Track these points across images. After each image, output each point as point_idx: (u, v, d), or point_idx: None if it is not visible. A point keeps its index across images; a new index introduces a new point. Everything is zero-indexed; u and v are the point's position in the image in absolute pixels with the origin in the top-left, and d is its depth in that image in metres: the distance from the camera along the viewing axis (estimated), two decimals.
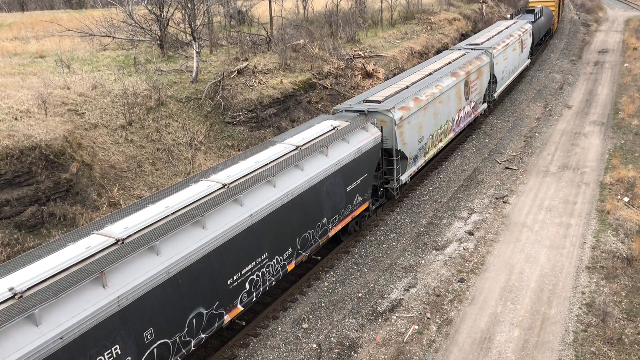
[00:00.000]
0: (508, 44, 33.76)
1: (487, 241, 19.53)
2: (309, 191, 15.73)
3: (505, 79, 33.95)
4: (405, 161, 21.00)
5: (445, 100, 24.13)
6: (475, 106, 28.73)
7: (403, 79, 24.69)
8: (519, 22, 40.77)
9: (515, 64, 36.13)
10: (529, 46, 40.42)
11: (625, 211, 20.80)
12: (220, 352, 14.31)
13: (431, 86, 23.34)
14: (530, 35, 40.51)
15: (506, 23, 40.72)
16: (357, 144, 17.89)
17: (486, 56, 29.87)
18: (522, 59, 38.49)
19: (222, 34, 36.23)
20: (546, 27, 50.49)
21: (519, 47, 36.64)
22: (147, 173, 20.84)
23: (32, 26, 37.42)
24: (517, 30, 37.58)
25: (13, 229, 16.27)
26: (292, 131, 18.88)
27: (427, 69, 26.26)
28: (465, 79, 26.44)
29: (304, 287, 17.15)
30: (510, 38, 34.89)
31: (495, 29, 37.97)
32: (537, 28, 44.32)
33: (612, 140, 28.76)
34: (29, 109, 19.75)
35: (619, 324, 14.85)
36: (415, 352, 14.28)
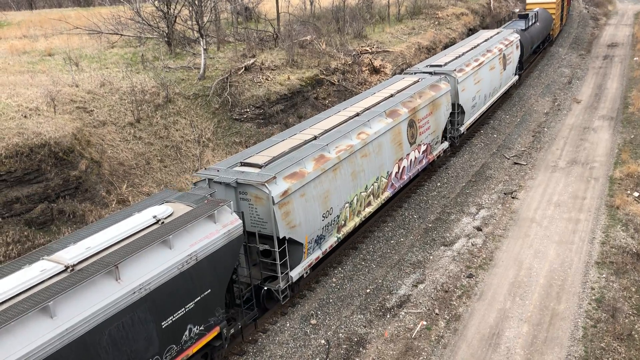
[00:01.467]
0: (483, 63, 28.14)
1: (496, 237, 19.47)
2: None
3: (478, 105, 28.19)
4: (300, 249, 15.80)
5: (373, 151, 18.61)
6: (429, 149, 22.76)
7: (314, 125, 18.96)
8: (503, 33, 34.72)
9: (495, 84, 30.49)
10: (516, 60, 34.78)
11: (635, 206, 20.67)
12: (230, 348, 14.37)
13: (350, 135, 17.75)
14: (517, 47, 34.58)
15: (488, 34, 34.84)
16: (223, 227, 12.77)
17: (446, 83, 24.08)
18: (506, 76, 32.72)
19: (229, 30, 36.25)
20: (543, 33, 44.70)
21: (499, 65, 30.96)
22: (156, 170, 20.92)
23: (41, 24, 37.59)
24: (498, 43, 31.73)
25: (23, 226, 16.40)
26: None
27: (355, 108, 20.33)
28: (410, 118, 20.76)
29: (312, 283, 17.17)
30: (487, 55, 29.35)
31: (471, 42, 32.34)
32: (528, 37, 38.63)
33: (622, 134, 28.56)
34: (38, 107, 19.87)
35: (629, 319, 14.78)
36: (423, 348, 14.28)
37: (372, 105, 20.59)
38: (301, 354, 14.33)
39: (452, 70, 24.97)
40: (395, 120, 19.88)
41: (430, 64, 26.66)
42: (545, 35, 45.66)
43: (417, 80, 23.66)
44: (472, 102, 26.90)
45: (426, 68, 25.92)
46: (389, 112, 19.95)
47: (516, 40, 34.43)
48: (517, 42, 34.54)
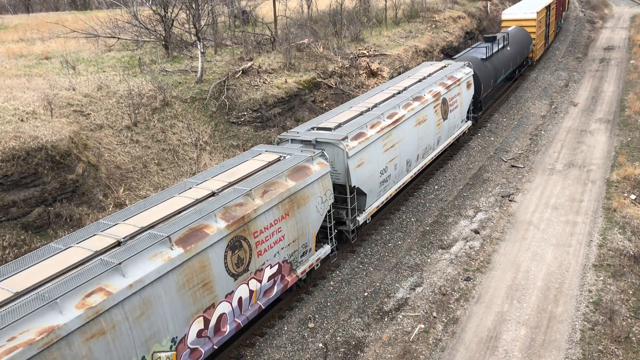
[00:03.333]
0: (402, 119, 20.42)
1: (493, 240, 19.48)
2: None
3: (395, 178, 20.64)
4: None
5: None
6: (287, 268, 15.51)
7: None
8: (450, 68, 26.70)
9: (428, 141, 22.77)
10: (467, 102, 27.01)
11: (632, 209, 20.70)
12: (227, 351, 14.33)
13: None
14: (468, 85, 26.86)
15: (428, 69, 26.78)
16: None
17: (322, 162, 16.35)
18: (449, 127, 24.95)
19: (226, 34, 36.26)
20: (517, 58, 36.66)
21: (436, 114, 23.24)
22: (153, 173, 20.89)
23: (38, 28, 37.57)
24: (436, 85, 23.87)
25: (20, 230, 16.35)
26: None
27: None
28: (236, 234, 13.53)
29: (310, 287, 17.15)
30: (413, 105, 21.49)
31: (397, 84, 24.19)
32: (490, 69, 30.96)
33: (619, 137, 28.63)
34: (35, 111, 19.83)
35: (627, 322, 14.78)
36: (421, 351, 14.26)
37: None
38: (299, 358, 14.30)
39: (339, 140, 17.38)
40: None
41: (318, 124, 19.06)
42: (521, 59, 38.31)
43: (274, 160, 16.08)
44: (379, 178, 19.37)
45: (308, 133, 18.30)
46: None
47: (467, 76, 26.65)
48: (468, 79, 26.85)
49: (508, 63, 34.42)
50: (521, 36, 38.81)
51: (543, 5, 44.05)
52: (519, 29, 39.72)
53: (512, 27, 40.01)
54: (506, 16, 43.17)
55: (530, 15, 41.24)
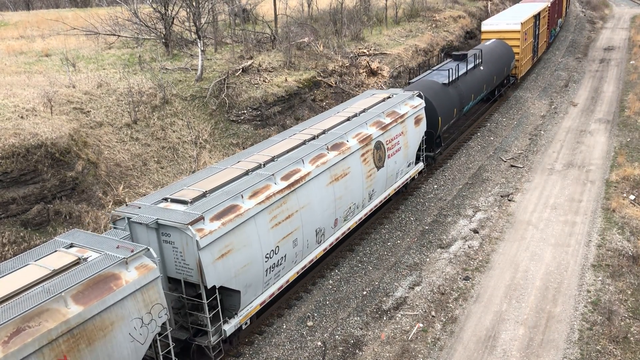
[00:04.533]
0: (307, 177, 15.52)
1: (492, 239, 19.50)
2: None
3: (300, 255, 15.75)
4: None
5: None
6: None
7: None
8: (394, 100, 21.20)
9: (353, 198, 17.74)
10: (417, 141, 21.56)
11: (631, 209, 20.73)
12: (226, 350, 14.33)
13: None
14: (417, 121, 21.39)
15: (367, 101, 21.30)
16: None
17: (142, 267, 11.13)
18: (388, 175, 19.84)
19: (226, 32, 36.25)
20: (492, 79, 30.83)
21: (364, 164, 18.09)
22: (153, 171, 20.90)
23: (38, 25, 37.54)
24: (367, 125, 18.67)
25: (19, 227, 16.36)
26: None
27: None
28: None
29: (309, 285, 17.17)
30: (330, 154, 16.54)
31: (317, 125, 18.92)
32: (454, 96, 25.54)
33: (618, 138, 28.65)
34: (35, 108, 19.83)
35: (625, 322, 14.81)
36: (420, 350, 14.28)
37: None
38: (297, 356, 14.32)
39: (185, 224, 12.26)
40: None
41: (174, 193, 13.96)
42: (499, 79, 32.60)
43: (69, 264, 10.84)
44: (264, 264, 14.13)
45: (152, 210, 13.22)
46: None
47: (415, 110, 21.28)
48: (418, 113, 21.46)
49: (480, 86, 29.09)
50: (500, 51, 33.42)
51: (530, 15, 38.81)
52: (499, 42, 34.63)
53: (491, 40, 35.08)
54: (486, 27, 37.24)
55: (514, 27, 35.85)
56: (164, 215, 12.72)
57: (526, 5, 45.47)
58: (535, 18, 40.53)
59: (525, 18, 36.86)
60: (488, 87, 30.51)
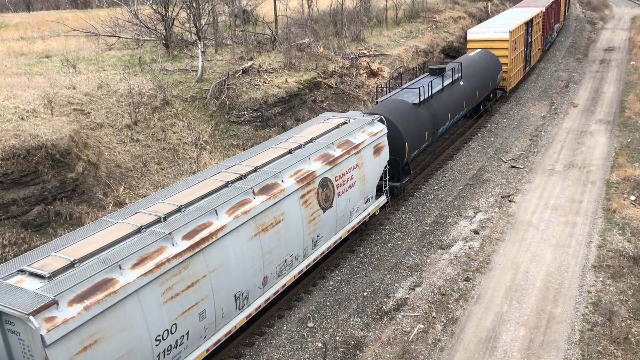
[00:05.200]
0: (221, 232, 12.61)
1: (493, 240, 19.49)
2: None
3: (210, 329, 12.78)
4: None
5: None
6: None
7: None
8: (350, 126, 18.27)
9: (290, 249, 14.97)
10: (377, 173, 18.91)
11: (631, 210, 20.72)
12: (226, 350, 14.34)
13: None
14: (378, 150, 18.63)
15: (318, 128, 18.33)
16: None
17: None
18: (339, 215, 17.01)
19: (227, 33, 36.27)
20: (474, 95, 28.15)
21: (305, 206, 15.32)
22: (153, 172, 20.90)
23: (38, 26, 37.56)
24: (311, 159, 15.85)
25: (20, 228, 16.36)
26: None
27: None
28: None
29: (309, 286, 17.16)
30: (256, 200, 13.69)
31: (250, 159, 15.89)
32: (424, 118, 22.52)
33: (619, 138, 28.65)
34: (35, 109, 19.84)
35: (626, 323, 14.80)
36: (420, 351, 14.28)
37: None
38: (298, 357, 14.31)
39: (27, 314, 9.22)
40: None
41: (32, 264, 10.70)
42: (483, 94, 29.94)
43: None
44: (153, 349, 11.12)
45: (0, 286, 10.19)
46: None
47: (375, 138, 18.45)
48: (378, 141, 18.70)
49: (458, 103, 26.13)
50: (485, 63, 30.54)
51: (521, 22, 36.09)
52: (484, 53, 31.78)
53: (476, 50, 32.46)
54: (472, 36, 34.62)
55: (502, 35, 33.21)
56: (6, 298, 9.65)
57: (518, 10, 43.16)
58: (527, 25, 37.89)
59: (514, 26, 34.28)
60: (469, 103, 27.79)
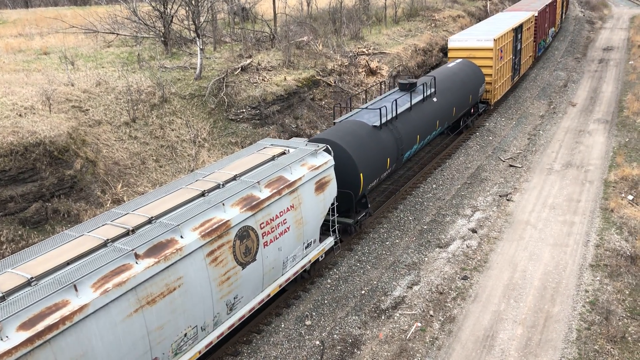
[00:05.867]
0: (78, 316, 9.43)
1: (491, 239, 19.51)
2: None
3: None
4: None
5: None
6: None
7: None
8: (288, 158, 15.60)
9: (188, 320, 11.95)
10: (320, 213, 16.21)
11: (629, 209, 20.75)
12: (224, 348, 14.35)
13: None
14: (321, 186, 15.97)
15: (249, 160, 15.49)
16: None
17: None
18: (267, 269, 14.35)
19: (226, 30, 36.23)
20: (449, 113, 25.19)
21: (213, 266, 12.32)
22: (151, 170, 20.88)
23: (37, 23, 37.48)
24: (228, 205, 12.98)
25: (17, 225, 16.34)
26: None
27: None
28: None
29: (307, 284, 17.17)
30: (137, 267, 10.55)
31: (134, 213, 12.39)
32: (386, 142, 19.93)
33: (617, 138, 28.67)
34: (33, 106, 19.80)
35: (623, 322, 14.83)
36: (418, 350, 14.29)
37: None
38: (295, 355, 14.32)
39: None
40: None
41: None
42: (461, 110, 27.00)
43: None
44: None
45: None
46: None
47: (317, 172, 15.70)
48: (322, 175, 15.94)
49: (430, 123, 23.17)
50: (465, 75, 27.72)
51: (508, 28, 33.23)
52: (465, 64, 29.05)
53: (456, 61, 29.72)
54: (453, 44, 31.73)
55: (486, 44, 30.37)
56: None
57: (507, 15, 40.53)
58: (516, 31, 35.03)
59: (500, 33, 31.44)
60: (444, 122, 24.94)
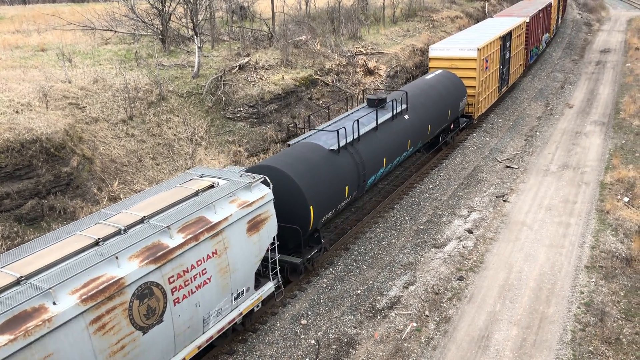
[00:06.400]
0: None
1: (487, 239, 19.54)
2: None
3: None
4: None
5: None
6: None
7: None
8: (215, 193, 13.07)
9: None
10: (254, 259, 13.74)
11: (624, 211, 20.81)
12: (219, 347, 14.35)
13: None
14: (254, 226, 13.53)
15: (157, 201, 12.61)
16: None
17: None
18: (182, 331, 11.77)
19: (224, 29, 36.19)
20: (423, 131, 22.60)
21: (99, 335, 9.76)
22: (148, 167, 20.85)
23: (34, 19, 37.38)
24: (111, 262, 10.21)
25: (13, 222, 16.30)
26: None
27: None
28: None
29: (303, 284, 17.18)
30: None
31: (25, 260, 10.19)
32: (346, 167, 17.75)
33: (613, 140, 28.75)
34: (30, 102, 19.75)
35: (617, 323, 14.88)
36: (413, 350, 14.31)
37: None
38: (291, 354, 14.33)
39: None
40: None
41: None
42: (437, 128, 24.35)
43: None
44: None
45: None
46: None
47: (251, 210, 13.39)
48: (257, 212, 13.62)
49: (400, 143, 20.59)
50: (444, 88, 25.05)
51: (495, 36, 30.79)
52: (444, 75, 26.43)
53: (437, 71, 27.14)
54: (434, 53, 29.14)
55: (469, 54, 27.96)
56: None
57: (497, 20, 37.74)
58: (504, 39, 32.62)
59: (485, 41, 29.12)
60: (417, 141, 22.29)
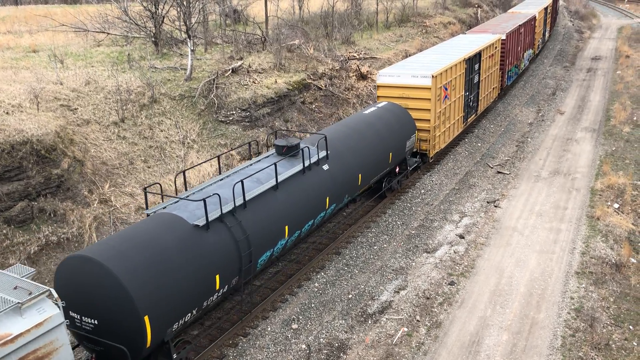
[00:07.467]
0: None
1: (478, 245, 19.59)
2: None
3: None
4: None
5: None
6: None
7: None
8: None
9: None
10: None
11: (615, 217, 20.94)
12: (209, 351, 14.27)
13: None
14: None
15: None
16: None
17: None
18: None
19: (217, 32, 36.16)
20: (354, 182, 18.26)
21: None
22: (139, 170, 20.75)
23: (26, 20, 37.20)
24: None
25: (2, 224, 16.15)
26: None
27: None
28: None
29: (294, 288, 17.13)
30: None
31: None
32: (218, 249, 12.73)
33: (604, 146, 28.95)
34: (21, 104, 19.61)
35: (607, 329, 14.94)
36: (404, 355, 14.30)
37: None
38: (282, 359, 14.27)
39: None
40: None
41: None
42: (373, 176, 19.87)
43: None
44: None
45: None
46: None
47: (17, 347, 8.34)
48: (33, 345, 8.52)
49: (316, 202, 16.35)
50: (385, 125, 20.59)
51: (458, 59, 25.99)
52: (388, 108, 21.83)
53: (381, 103, 22.32)
54: (383, 79, 24.27)
55: (422, 82, 23.15)
56: None
57: (466, 39, 32.83)
58: (471, 61, 27.89)
59: (443, 67, 24.24)
60: (343, 196, 17.90)
